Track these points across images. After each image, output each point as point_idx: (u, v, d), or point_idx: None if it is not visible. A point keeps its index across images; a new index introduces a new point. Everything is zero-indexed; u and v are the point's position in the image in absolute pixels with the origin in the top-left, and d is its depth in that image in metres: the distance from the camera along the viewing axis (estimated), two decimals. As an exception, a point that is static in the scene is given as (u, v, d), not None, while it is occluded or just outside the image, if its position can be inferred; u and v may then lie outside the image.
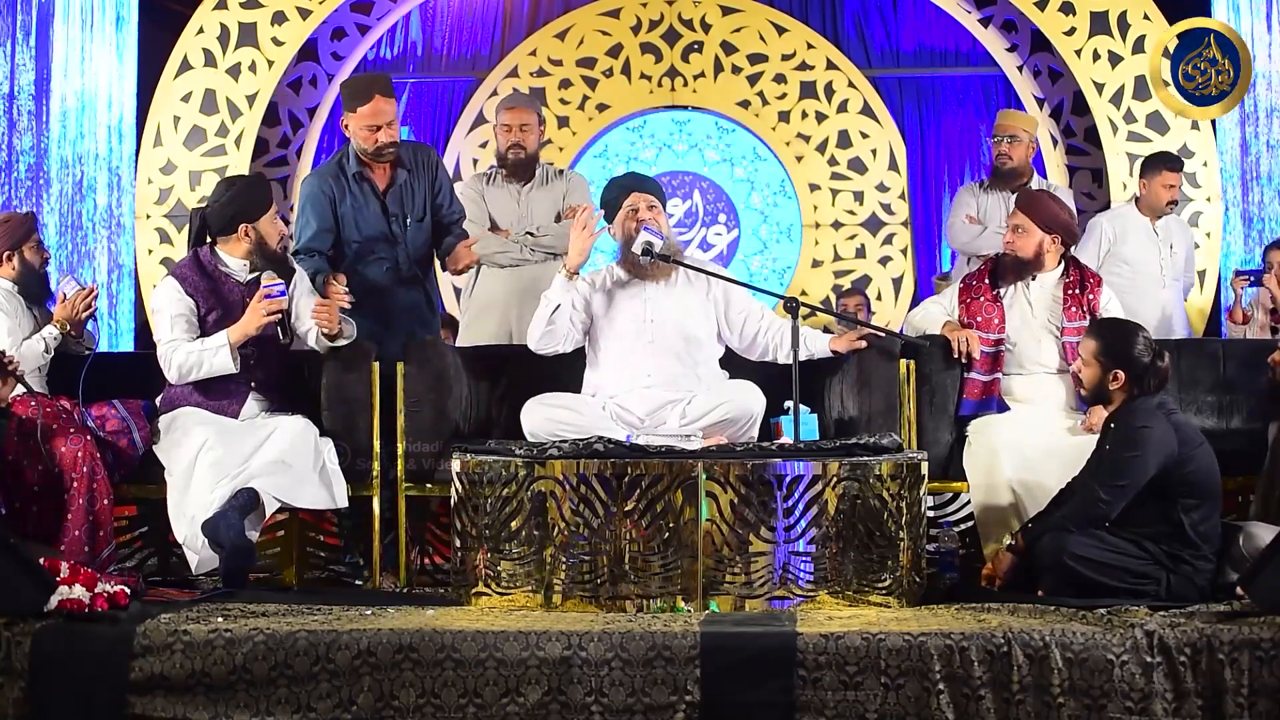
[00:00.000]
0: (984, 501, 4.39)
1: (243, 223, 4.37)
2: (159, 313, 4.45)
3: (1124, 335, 4.02)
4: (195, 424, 4.30)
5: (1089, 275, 4.66)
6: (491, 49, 8.22)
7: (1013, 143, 6.02)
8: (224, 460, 4.14)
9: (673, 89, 8.02)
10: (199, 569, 4.15)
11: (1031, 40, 7.53)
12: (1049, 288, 4.64)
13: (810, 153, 8.00)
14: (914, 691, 3.31)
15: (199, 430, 4.25)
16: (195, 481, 4.15)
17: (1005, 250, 4.67)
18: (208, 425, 4.27)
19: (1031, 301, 4.63)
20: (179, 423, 4.34)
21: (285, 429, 4.26)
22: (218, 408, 4.36)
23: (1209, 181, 7.11)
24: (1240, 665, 3.32)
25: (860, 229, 7.98)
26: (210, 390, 4.37)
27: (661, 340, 4.49)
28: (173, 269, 4.49)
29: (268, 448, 4.21)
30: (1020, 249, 4.62)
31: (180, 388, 4.39)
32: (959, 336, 4.55)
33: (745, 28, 8.01)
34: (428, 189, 4.97)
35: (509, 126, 5.56)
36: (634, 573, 3.73)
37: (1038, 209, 4.64)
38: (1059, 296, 4.61)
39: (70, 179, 6.90)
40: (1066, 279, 4.64)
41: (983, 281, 4.69)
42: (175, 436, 4.31)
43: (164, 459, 4.30)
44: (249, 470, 4.14)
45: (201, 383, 4.36)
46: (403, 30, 8.20)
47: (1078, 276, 4.63)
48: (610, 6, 8.03)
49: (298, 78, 7.65)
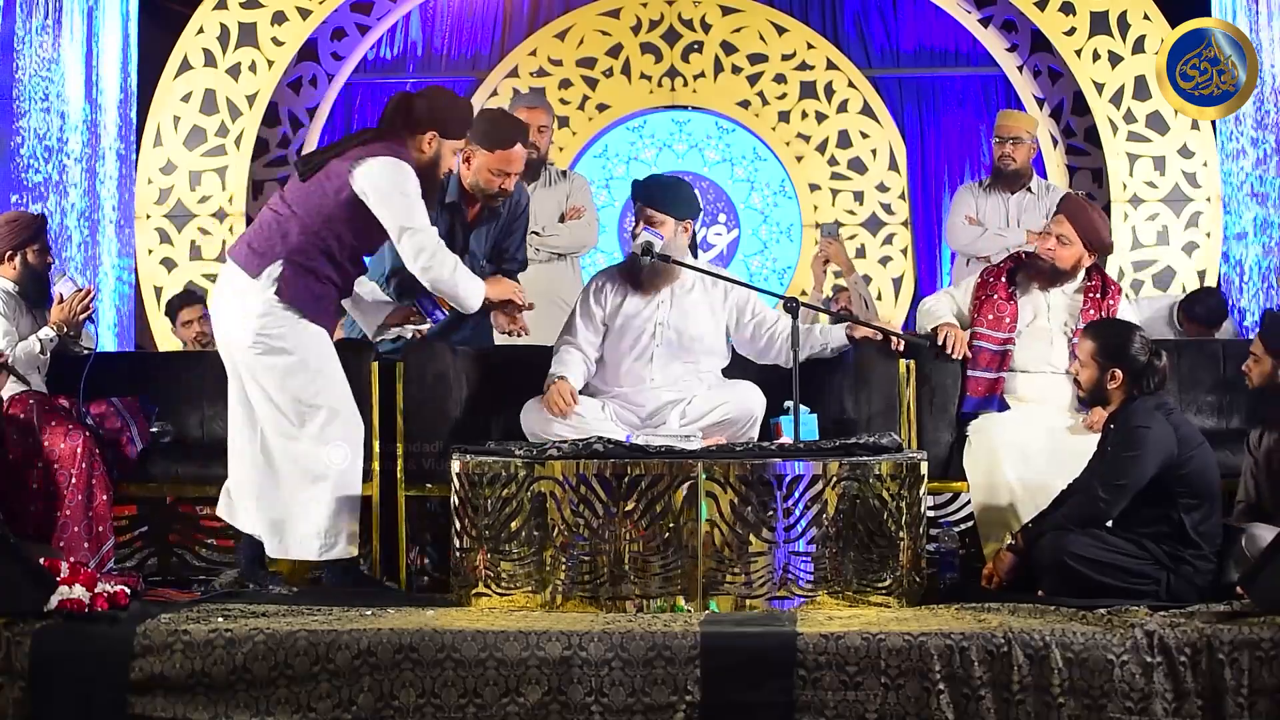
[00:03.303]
0: (984, 501, 4.39)
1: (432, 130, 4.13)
2: (400, 192, 4.00)
3: (1120, 335, 4.02)
4: (337, 376, 4.10)
5: (1110, 282, 4.64)
6: (491, 49, 8.21)
7: (1016, 144, 6.01)
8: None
9: (673, 89, 8.02)
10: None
11: (1031, 40, 7.52)
12: (1069, 292, 4.62)
13: (810, 153, 7.99)
14: (914, 691, 3.31)
15: (334, 393, 4.07)
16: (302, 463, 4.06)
17: (1044, 256, 4.56)
18: (344, 403, 4.10)
19: (1050, 303, 4.61)
20: (319, 345, 4.08)
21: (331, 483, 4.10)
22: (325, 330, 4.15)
23: (1209, 181, 7.11)
24: (1240, 665, 3.32)
25: (860, 229, 7.97)
26: (325, 310, 4.12)
27: (667, 343, 4.49)
28: (386, 150, 4.04)
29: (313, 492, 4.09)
30: (1061, 260, 4.54)
31: (331, 291, 4.09)
32: (946, 333, 4.55)
33: (745, 28, 8.00)
34: (503, 230, 4.77)
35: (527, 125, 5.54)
36: (634, 573, 3.73)
37: (1086, 224, 4.52)
38: (1079, 301, 4.58)
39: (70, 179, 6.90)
40: (1089, 283, 4.60)
41: (1000, 280, 4.64)
42: (308, 353, 4.04)
43: (281, 375, 4.02)
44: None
45: (320, 295, 4.07)
46: (403, 30, 8.20)
47: (1099, 282, 4.60)
48: (610, 6, 8.02)
49: (298, 78, 7.64)
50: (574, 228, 5.67)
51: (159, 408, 4.70)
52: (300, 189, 4.08)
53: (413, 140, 4.10)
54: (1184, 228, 7.11)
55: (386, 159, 4.01)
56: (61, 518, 4.22)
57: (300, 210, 4.04)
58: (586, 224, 5.72)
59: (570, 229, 5.67)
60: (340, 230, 4.05)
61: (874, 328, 4.62)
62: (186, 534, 4.80)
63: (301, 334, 4.04)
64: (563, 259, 5.67)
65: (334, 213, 4.03)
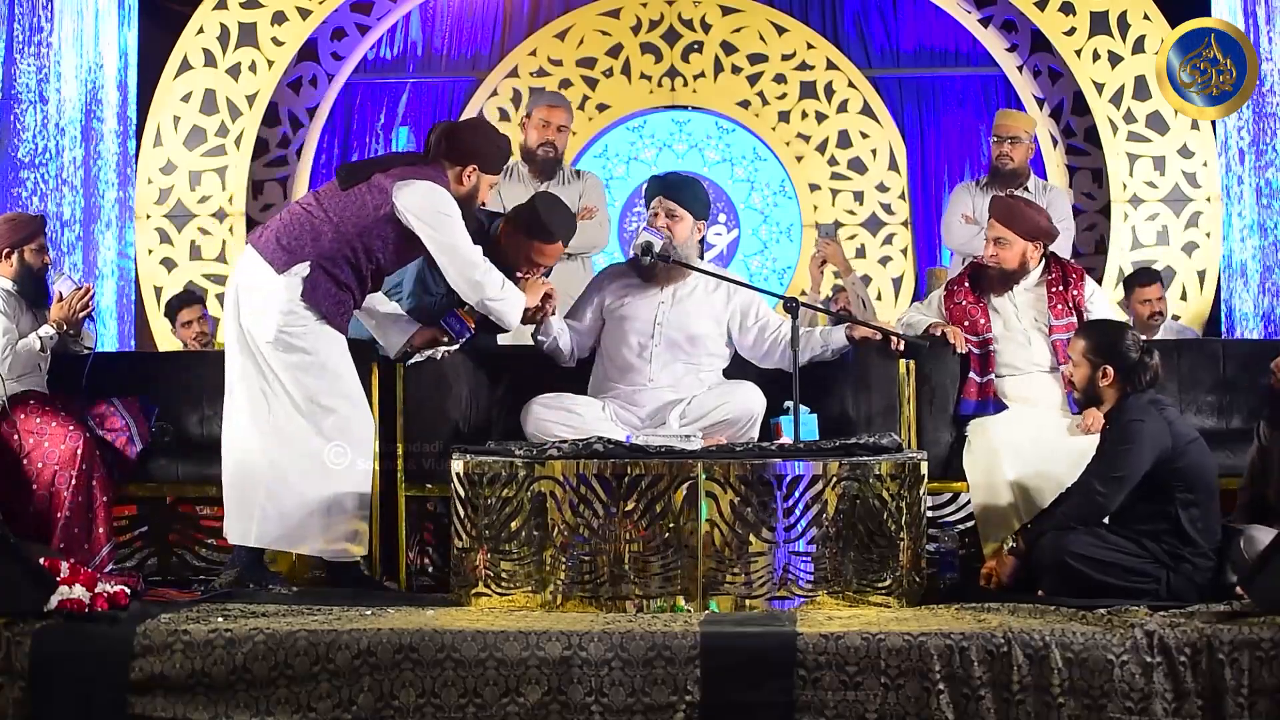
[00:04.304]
0: (984, 501, 4.39)
1: (473, 164, 4.21)
2: (444, 214, 4.09)
3: (1111, 332, 4.07)
4: (352, 380, 4.15)
5: (1070, 269, 4.65)
6: (491, 49, 8.21)
7: (1014, 144, 6.01)
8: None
9: (673, 89, 8.02)
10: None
11: (1031, 40, 7.52)
12: (1031, 287, 4.64)
13: (810, 153, 7.99)
14: (914, 691, 3.31)
15: (349, 399, 4.13)
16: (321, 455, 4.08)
17: (989, 262, 4.63)
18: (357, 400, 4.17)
19: (1016, 304, 4.63)
20: (336, 348, 4.12)
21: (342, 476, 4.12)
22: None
23: (1209, 181, 7.11)
24: (1240, 665, 3.32)
25: (860, 229, 7.97)
26: (342, 316, 4.15)
27: (667, 343, 4.50)
28: (430, 176, 4.13)
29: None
30: (1004, 261, 4.60)
31: (349, 301, 4.13)
32: (943, 329, 4.58)
33: (745, 28, 8.00)
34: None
35: (546, 124, 5.53)
36: (634, 573, 3.73)
37: (1016, 219, 4.58)
38: (1043, 295, 4.61)
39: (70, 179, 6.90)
40: (1048, 276, 4.63)
41: (963, 285, 4.70)
42: (327, 355, 4.09)
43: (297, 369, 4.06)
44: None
45: (340, 300, 4.11)
46: (403, 30, 8.19)
47: (1059, 273, 4.63)
48: (610, 6, 8.02)
49: (298, 78, 7.64)
50: (585, 228, 5.65)
51: (159, 408, 4.70)
52: (339, 196, 4.12)
53: (453, 170, 4.18)
54: (1184, 228, 7.11)
55: (431, 184, 4.09)
56: (61, 518, 4.23)
57: (336, 217, 4.08)
58: (598, 224, 5.70)
59: (581, 229, 5.66)
60: (371, 244, 4.10)
61: (874, 328, 4.62)
62: (186, 534, 4.79)
63: (320, 336, 4.08)
64: (573, 259, 5.65)
65: (370, 227, 4.08)
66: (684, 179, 4.71)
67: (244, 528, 4.10)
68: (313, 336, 4.06)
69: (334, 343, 4.12)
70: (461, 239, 4.12)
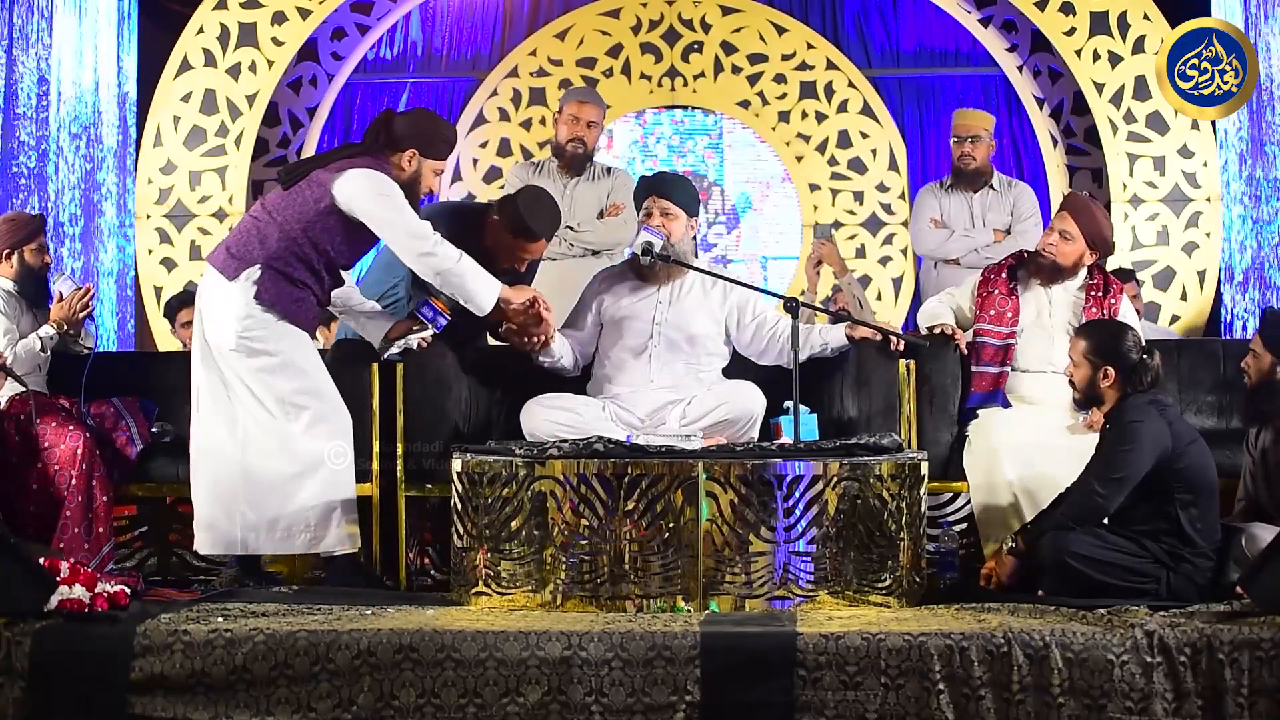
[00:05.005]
0: (984, 501, 4.39)
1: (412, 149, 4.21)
2: (383, 194, 4.08)
3: (1111, 333, 4.08)
4: (320, 375, 4.16)
5: (1112, 281, 4.65)
6: (491, 49, 8.20)
7: (975, 143, 6.00)
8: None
9: (673, 89, 8.01)
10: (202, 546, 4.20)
11: (1031, 40, 7.51)
12: (1071, 289, 4.63)
13: (810, 153, 7.98)
14: (914, 691, 3.31)
15: (318, 401, 4.13)
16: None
17: (1046, 252, 4.59)
18: (327, 398, 4.18)
19: (1052, 300, 4.62)
20: (300, 346, 4.14)
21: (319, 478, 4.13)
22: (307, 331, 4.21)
23: (1209, 181, 7.10)
24: (1240, 665, 3.32)
25: (860, 229, 7.97)
26: (303, 313, 4.16)
27: (667, 342, 4.50)
28: (367, 163, 4.12)
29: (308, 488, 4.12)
30: (1063, 256, 4.57)
31: (313, 296, 4.15)
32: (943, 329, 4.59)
33: (745, 28, 7.99)
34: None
35: (576, 119, 5.52)
36: (634, 573, 3.73)
37: (1089, 221, 4.56)
38: (1080, 299, 4.60)
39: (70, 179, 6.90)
40: (1090, 281, 4.62)
41: (1000, 276, 4.67)
42: (291, 354, 4.10)
43: (258, 373, 4.07)
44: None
45: (298, 298, 4.12)
46: (403, 30, 8.19)
47: (1101, 280, 4.62)
48: (610, 6, 8.02)
49: (298, 78, 7.64)
50: (609, 225, 5.64)
51: (159, 408, 4.70)
52: (281, 196, 4.16)
53: (393, 157, 4.18)
54: (1184, 228, 7.11)
55: (367, 170, 4.09)
56: (61, 518, 4.23)
57: (280, 217, 4.11)
58: (623, 222, 5.68)
59: (605, 226, 5.65)
60: (318, 238, 4.11)
61: (874, 327, 4.62)
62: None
63: (283, 336, 4.10)
64: (596, 255, 5.63)
65: (313, 220, 4.09)
66: (674, 177, 4.74)
67: (230, 538, 4.12)
68: (274, 338, 4.08)
69: (298, 341, 4.14)
70: (404, 215, 4.09)
